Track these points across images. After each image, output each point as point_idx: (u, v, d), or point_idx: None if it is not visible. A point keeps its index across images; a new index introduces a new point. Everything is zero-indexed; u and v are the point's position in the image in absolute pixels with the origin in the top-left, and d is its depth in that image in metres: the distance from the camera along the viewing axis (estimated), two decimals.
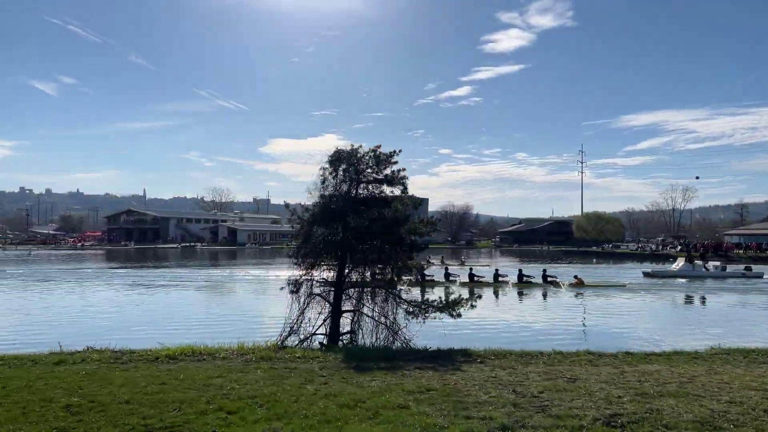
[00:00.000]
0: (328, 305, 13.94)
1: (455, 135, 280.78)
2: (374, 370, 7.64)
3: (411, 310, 13.16)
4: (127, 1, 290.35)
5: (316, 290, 13.68)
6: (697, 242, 74.80)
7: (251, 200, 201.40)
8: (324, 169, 15.37)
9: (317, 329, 13.27)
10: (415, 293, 14.07)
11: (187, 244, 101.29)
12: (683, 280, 36.01)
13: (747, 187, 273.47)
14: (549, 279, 31.95)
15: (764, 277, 37.56)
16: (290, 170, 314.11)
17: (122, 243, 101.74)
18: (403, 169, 15.07)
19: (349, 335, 12.96)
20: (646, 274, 38.98)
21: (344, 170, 15.02)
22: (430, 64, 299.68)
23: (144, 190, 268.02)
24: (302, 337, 13.09)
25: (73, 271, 43.31)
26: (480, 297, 13.03)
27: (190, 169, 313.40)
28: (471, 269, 35.53)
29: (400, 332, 12.97)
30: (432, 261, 47.13)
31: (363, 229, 13.64)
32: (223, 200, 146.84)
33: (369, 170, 14.91)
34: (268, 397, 6.05)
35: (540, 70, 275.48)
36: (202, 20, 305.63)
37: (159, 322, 19.06)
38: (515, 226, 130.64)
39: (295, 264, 14.26)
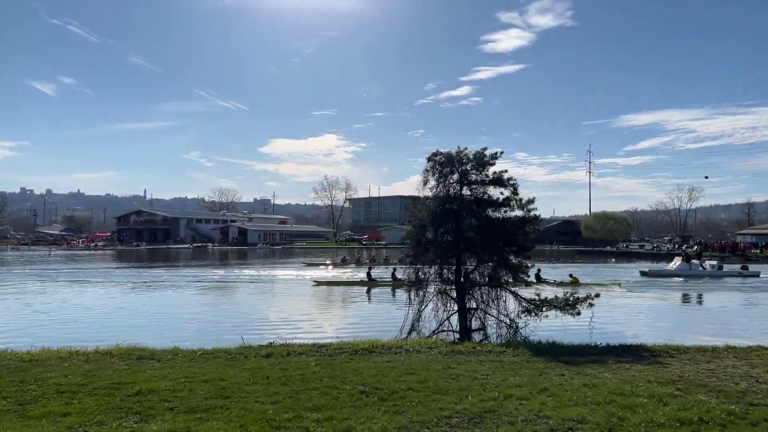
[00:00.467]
0: (439, 304, 14.42)
1: (455, 135, 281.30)
2: (580, 364, 8.12)
3: (529, 307, 13.66)
4: (127, 2, 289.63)
5: (431, 289, 14.20)
6: (714, 242, 75.53)
7: (252, 200, 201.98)
8: (427, 171, 15.89)
9: (440, 326, 13.75)
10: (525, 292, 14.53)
11: (199, 245, 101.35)
12: (680, 279, 36.36)
13: (747, 187, 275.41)
14: (542, 279, 31.18)
15: (761, 275, 38.04)
16: (290, 170, 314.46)
17: (134, 243, 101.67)
18: (505, 171, 15.57)
19: (480, 332, 13.42)
20: (644, 273, 39.30)
21: (449, 172, 15.55)
22: (430, 64, 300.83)
23: (145, 191, 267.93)
24: (426, 334, 13.55)
25: (110, 271, 43.56)
26: (598, 296, 13.51)
27: (190, 169, 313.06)
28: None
29: (519, 330, 13.48)
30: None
31: (483, 230, 14.10)
32: (229, 200, 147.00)
33: (474, 172, 15.41)
34: (537, 387, 6.55)
35: (540, 70, 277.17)
36: (202, 21, 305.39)
37: (242, 319, 19.51)
38: None
39: (411, 264, 14.76)
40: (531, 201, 13.91)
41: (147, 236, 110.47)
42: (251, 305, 24.92)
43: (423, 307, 13.84)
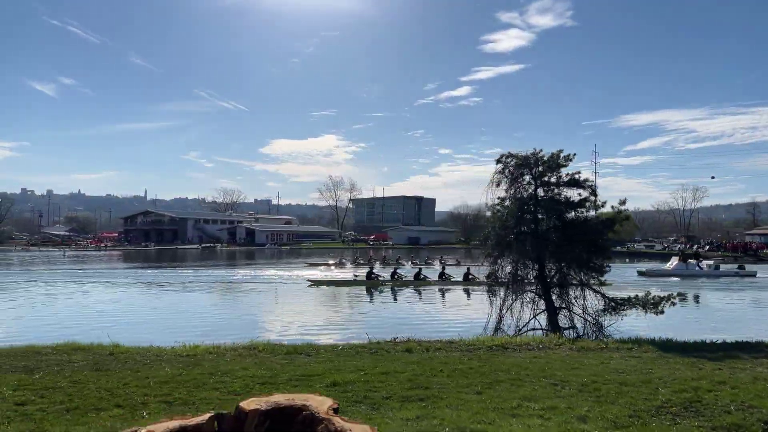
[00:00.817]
0: (524, 303, 14.76)
1: (455, 135, 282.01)
2: (722, 359, 8.47)
3: (613, 306, 14.03)
4: (127, 2, 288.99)
5: (517, 287, 14.54)
6: (727, 242, 76.07)
7: (252, 201, 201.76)
8: (499, 173, 16.24)
9: (528, 323, 14.11)
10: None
11: (208, 245, 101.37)
12: (677, 279, 36.72)
13: (747, 187, 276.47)
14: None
15: (757, 275, 38.50)
16: (290, 171, 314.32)
17: (143, 244, 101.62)
18: (578, 172, 15.93)
19: (571, 330, 13.77)
20: (641, 273, 39.73)
21: (522, 174, 15.90)
22: (430, 64, 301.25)
23: (146, 191, 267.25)
24: (512, 332, 13.89)
25: (135, 271, 43.78)
26: (681, 295, 13.90)
27: (190, 169, 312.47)
28: (468, 269, 35.05)
29: (604, 327, 13.85)
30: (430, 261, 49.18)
31: (563, 230, 14.46)
32: (234, 201, 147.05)
33: (549, 173, 15.76)
34: (713, 380, 6.89)
35: (540, 70, 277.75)
36: (202, 21, 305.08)
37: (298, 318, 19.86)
38: None
39: (492, 264, 15.09)
40: (623, 202, 14.26)
41: (154, 237, 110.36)
42: (304, 305, 25.20)
43: (511, 304, 14.18)
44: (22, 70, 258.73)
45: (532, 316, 14.20)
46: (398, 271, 34.70)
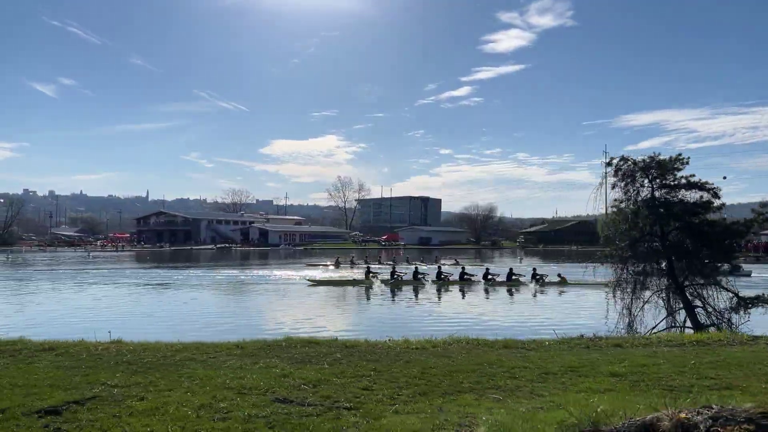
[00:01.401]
0: (641, 300, 15.25)
1: (456, 135, 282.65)
2: None
3: (744, 304, 14.51)
4: (127, 3, 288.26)
5: (648, 290, 15.03)
6: (747, 243, 76.74)
7: (254, 201, 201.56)
8: (614, 175, 16.71)
9: (658, 324, 14.58)
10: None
11: (222, 246, 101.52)
12: None
13: (748, 186, 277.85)
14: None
15: (752, 275, 38.69)
16: (291, 171, 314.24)
17: (158, 245, 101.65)
18: (692, 175, 16.41)
19: (712, 328, 14.24)
20: None
21: (637, 177, 16.37)
22: (430, 64, 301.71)
23: (147, 192, 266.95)
24: (642, 331, 14.35)
25: (171, 271, 43.87)
26: None
27: (190, 170, 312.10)
28: (463, 268, 36.07)
29: (737, 326, 14.31)
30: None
31: (692, 232, 14.94)
32: (241, 201, 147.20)
33: (666, 175, 16.23)
34: None
35: (540, 70, 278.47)
36: (202, 21, 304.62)
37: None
38: (538, 227, 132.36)
39: (619, 266, 15.54)
40: (766, 204, 14.67)
41: (167, 237, 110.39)
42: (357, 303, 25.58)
43: (642, 304, 14.65)
44: (22, 71, 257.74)
45: (666, 315, 14.66)
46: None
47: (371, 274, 34.00)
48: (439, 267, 37.30)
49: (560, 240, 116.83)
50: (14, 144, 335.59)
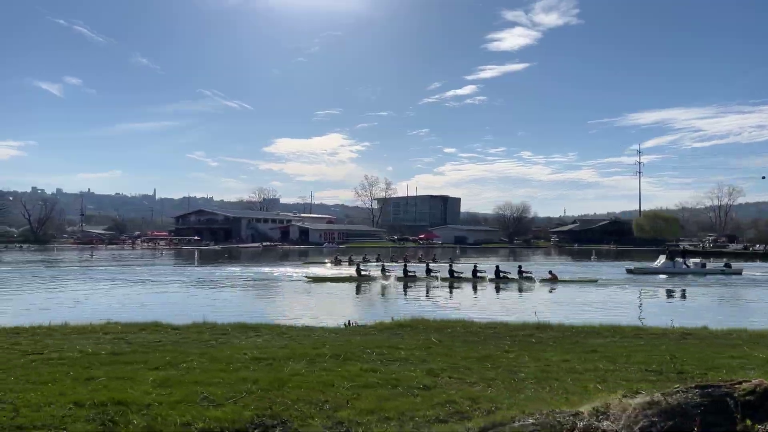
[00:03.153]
0: None
1: (460, 134, 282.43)
2: None
3: None
4: (133, 2, 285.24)
5: None
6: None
7: (261, 199, 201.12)
8: None
9: None
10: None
11: (267, 244, 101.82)
12: (664, 276, 37.89)
13: (754, 185, 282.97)
14: (524, 275, 33.18)
15: (743, 273, 39.91)
16: (295, 170, 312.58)
17: (204, 243, 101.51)
18: None
19: None
20: (629, 271, 41.21)
21: None
22: (435, 62, 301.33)
23: (155, 190, 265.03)
24: None
25: (265, 268, 43.64)
26: None
27: (195, 169, 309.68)
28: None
29: None
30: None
31: None
32: (270, 199, 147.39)
33: None
34: None
35: (545, 69, 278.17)
36: (207, 21, 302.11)
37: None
38: (569, 226, 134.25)
39: None
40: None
41: (207, 236, 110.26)
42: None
43: None
44: (28, 71, 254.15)
45: None
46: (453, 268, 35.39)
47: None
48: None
49: (594, 239, 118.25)
50: (21, 142, 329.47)
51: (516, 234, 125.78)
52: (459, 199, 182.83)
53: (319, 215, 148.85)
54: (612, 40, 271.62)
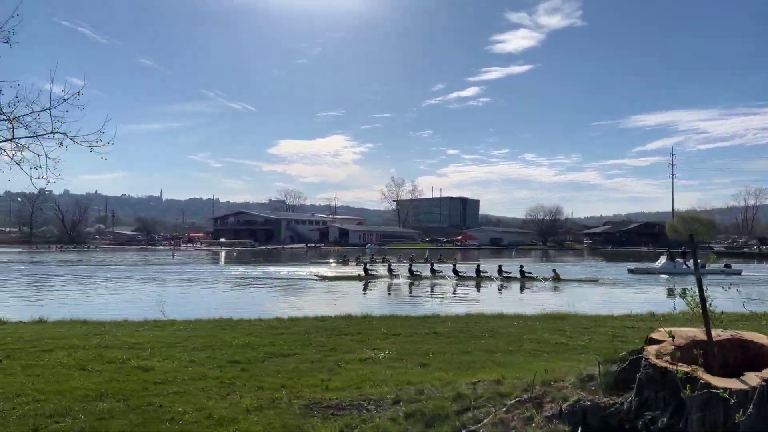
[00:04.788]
0: None
1: (463, 135, 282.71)
2: None
3: None
4: (135, 3, 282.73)
5: None
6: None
7: (266, 201, 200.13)
8: None
9: None
10: None
11: (312, 245, 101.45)
12: (665, 276, 39.13)
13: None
14: (526, 274, 34.47)
15: (742, 273, 40.87)
16: (298, 171, 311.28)
17: (249, 244, 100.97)
18: None
19: None
20: (631, 271, 42.58)
21: None
22: (438, 64, 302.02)
23: (161, 191, 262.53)
24: None
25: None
26: None
27: (198, 170, 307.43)
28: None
29: None
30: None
31: None
32: (298, 202, 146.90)
33: None
34: None
35: (548, 71, 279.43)
36: (210, 22, 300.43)
37: None
38: (602, 228, 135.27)
39: None
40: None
41: (247, 237, 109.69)
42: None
43: None
44: (32, 71, 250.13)
45: None
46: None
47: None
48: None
49: (630, 241, 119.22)
50: None
51: (548, 236, 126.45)
52: (478, 201, 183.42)
53: (352, 217, 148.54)
54: (615, 42, 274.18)
